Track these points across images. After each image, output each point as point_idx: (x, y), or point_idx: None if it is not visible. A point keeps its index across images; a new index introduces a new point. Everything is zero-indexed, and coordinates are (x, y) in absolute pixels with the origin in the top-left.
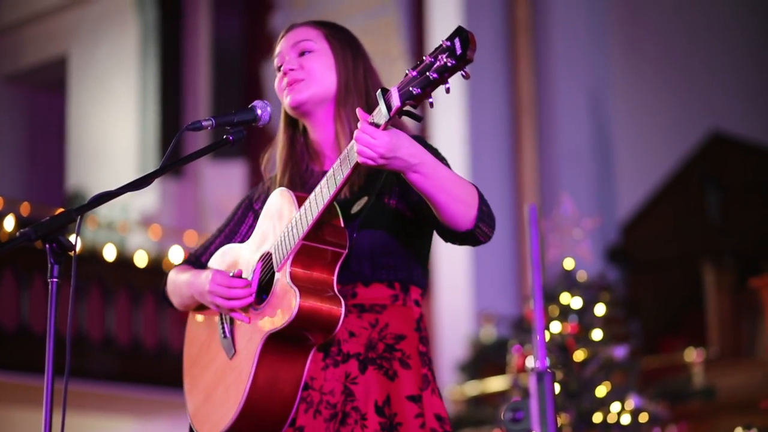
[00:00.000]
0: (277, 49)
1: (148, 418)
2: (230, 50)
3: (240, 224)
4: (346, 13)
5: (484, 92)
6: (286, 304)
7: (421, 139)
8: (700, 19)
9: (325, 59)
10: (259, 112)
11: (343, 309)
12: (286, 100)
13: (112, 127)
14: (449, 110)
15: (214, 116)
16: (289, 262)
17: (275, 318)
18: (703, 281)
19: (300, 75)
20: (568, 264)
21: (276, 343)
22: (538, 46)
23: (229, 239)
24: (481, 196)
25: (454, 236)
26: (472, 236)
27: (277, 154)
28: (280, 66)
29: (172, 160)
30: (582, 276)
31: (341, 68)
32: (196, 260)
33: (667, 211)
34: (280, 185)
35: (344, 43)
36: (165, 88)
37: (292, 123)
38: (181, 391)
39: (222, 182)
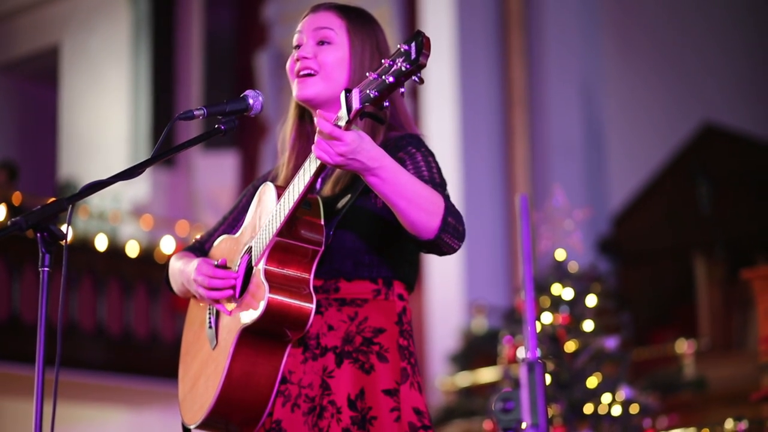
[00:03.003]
0: (298, 27)
1: (139, 408)
2: (223, 40)
3: (243, 212)
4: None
5: (477, 85)
6: (257, 300)
7: (416, 138)
8: (692, 12)
9: (341, 55)
10: (251, 101)
11: (313, 306)
12: (294, 92)
13: (104, 117)
14: (441, 103)
15: (205, 106)
16: (264, 257)
17: (249, 313)
18: (695, 273)
19: (313, 65)
20: (560, 255)
21: (252, 337)
22: (530, 38)
23: (232, 227)
24: (448, 208)
25: (418, 244)
26: (434, 246)
27: (287, 133)
28: (297, 46)
29: (164, 150)
30: (573, 267)
31: (356, 66)
32: (200, 246)
33: (658, 202)
34: (286, 168)
35: (365, 39)
36: (157, 78)
37: (300, 104)
38: (172, 381)
39: (214, 172)
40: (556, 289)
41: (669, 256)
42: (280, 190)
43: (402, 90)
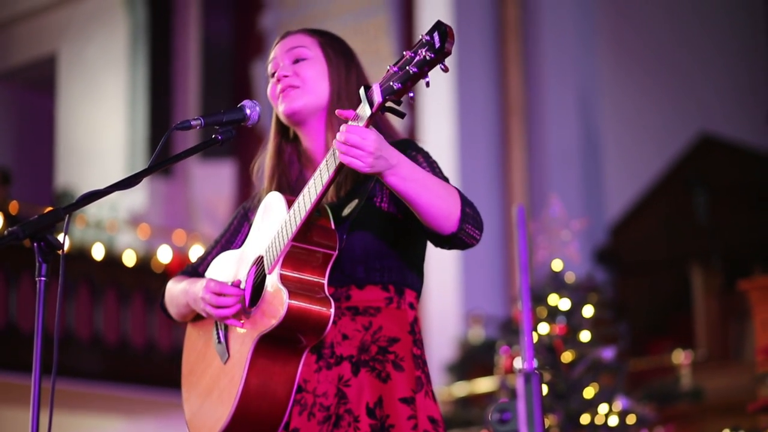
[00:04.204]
0: (272, 55)
1: (135, 418)
2: (220, 49)
3: (236, 234)
4: (336, 14)
5: (473, 93)
6: (275, 306)
7: (412, 142)
8: (690, 20)
9: (319, 67)
10: (248, 111)
11: (332, 310)
12: (281, 108)
13: (101, 125)
14: (438, 111)
15: (203, 115)
16: (279, 264)
17: (266, 320)
18: (692, 283)
19: (295, 82)
20: (557, 265)
21: (268, 345)
22: (527, 47)
23: (225, 249)
24: (464, 199)
25: (440, 240)
26: (457, 239)
27: (265, 162)
28: (274, 72)
29: (161, 159)
30: (570, 277)
31: (334, 77)
32: (194, 271)
33: (655, 212)
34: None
35: (338, 52)
36: (154, 87)
37: (282, 130)
38: (168, 390)
39: (211, 182)
40: (553, 299)
41: (666, 267)
42: (290, 199)
43: (427, 80)
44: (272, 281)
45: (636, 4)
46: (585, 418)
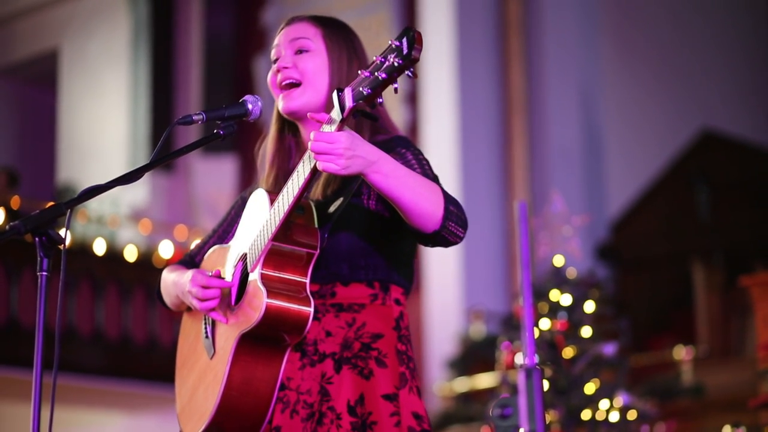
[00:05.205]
0: (275, 41)
1: (137, 413)
2: (222, 45)
3: (233, 224)
4: (338, 9)
5: (476, 90)
6: (255, 305)
7: (404, 139)
8: (692, 18)
9: (320, 61)
10: (249, 106)
11: (312, 309)
12: (280, 105)
13: (103, 121)
14: (440, 108)
15: (204, 111)
16: (260, 263)
17: (247, 318)
18: (693, 279)
19: (294, 74)
20: (558, 261)
21: (250, 343)
22: (529, 44)
23: (222, 239)
24: (447, 197)
25: (424, 238)
26: (440, 237)
27: (267, 148)
28: (276, 59)
29: (163, 155)
30: (571, 273)
31: (335, 72)
32: (191, 260)
33: (657, 209)
34: (266, 182)
35: (341, 44)
36: (156, 83)
37: (282, 117)
38: (169, 385)
39: (212, 177)
40: (555, 295)
41: (667, 263)
42: (273, 197)
43: (395, 86)
44: (253, 280)
45: (638, 2)
46: (586, 414)
